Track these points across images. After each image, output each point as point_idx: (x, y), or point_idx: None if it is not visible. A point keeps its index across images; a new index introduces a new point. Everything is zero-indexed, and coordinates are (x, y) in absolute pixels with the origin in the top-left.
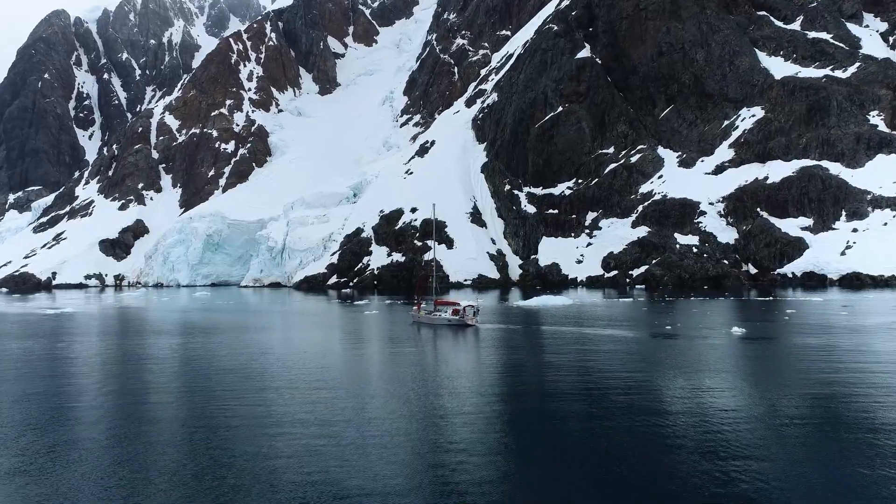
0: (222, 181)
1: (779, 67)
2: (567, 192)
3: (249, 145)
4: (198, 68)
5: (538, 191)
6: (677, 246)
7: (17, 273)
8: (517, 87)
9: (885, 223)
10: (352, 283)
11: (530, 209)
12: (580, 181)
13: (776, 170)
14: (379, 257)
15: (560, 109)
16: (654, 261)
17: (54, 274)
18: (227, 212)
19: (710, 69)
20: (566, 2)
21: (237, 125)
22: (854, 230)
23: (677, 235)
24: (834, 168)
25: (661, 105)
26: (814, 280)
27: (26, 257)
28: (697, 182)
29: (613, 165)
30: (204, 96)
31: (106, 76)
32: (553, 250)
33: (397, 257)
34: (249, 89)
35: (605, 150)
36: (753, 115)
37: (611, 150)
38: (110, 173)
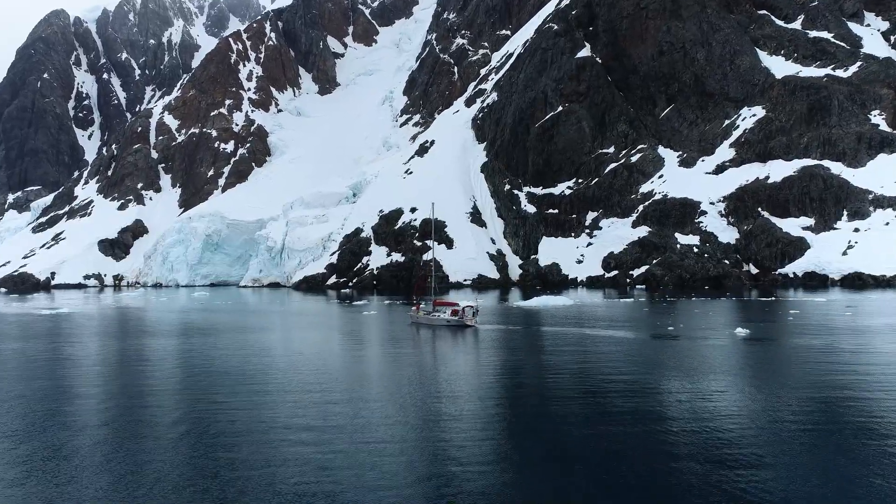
0: (221, 181)
1: (780, 67)
2: (567, 192)
3: (249, 145)
4: (197, 68)
5: (538, 190)
6: (678, 246)
7: (16, 273)
8: (517, 87)
9: (887, 223)
10: (351, 284)
11: (530, 209)
12: (580, 181)
13: (777, 169)
14: (378, 257)
15: (560, 109)
16: (655, 261)
17: (53, 274)
18: (227, 212)
19: (711, 68)
20: (566, 1)
21: (236, 125)
22: (856, 230)
23: (678, 235)
24: (835, 168)
25: (662, 104)
26: (815, 280)
27: (25, 257)
28: (698, 182)
29: (614, 165)
30: (203, 96)
31: (105, 76)
32: (553, 250)
33: (397, 257)
34: (249, 89)
35: (606, 150)
36: (754, 115)
37: (611, 150)
38: (109, 173)
